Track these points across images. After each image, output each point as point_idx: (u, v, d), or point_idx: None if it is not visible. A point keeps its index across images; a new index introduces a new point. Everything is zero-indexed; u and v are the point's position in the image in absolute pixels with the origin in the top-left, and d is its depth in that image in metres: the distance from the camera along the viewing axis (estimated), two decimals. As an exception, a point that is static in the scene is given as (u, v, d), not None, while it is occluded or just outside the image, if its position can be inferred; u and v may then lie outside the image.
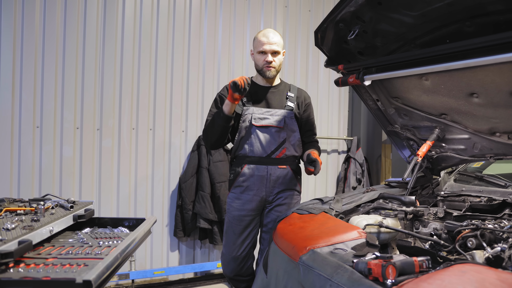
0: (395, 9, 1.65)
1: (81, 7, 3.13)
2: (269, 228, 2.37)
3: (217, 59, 3.68)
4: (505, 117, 1.77)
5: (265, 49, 2.29)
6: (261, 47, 2.30)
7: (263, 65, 2.33)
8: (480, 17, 1.50)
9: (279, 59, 2.35)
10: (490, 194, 1.93)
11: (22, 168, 2.97)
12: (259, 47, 2.31)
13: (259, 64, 2.35)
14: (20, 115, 2.97)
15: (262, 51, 2.30)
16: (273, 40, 2.30)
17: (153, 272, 3.32)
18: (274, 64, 2.32)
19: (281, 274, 1.64)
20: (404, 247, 1.58)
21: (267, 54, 2.30)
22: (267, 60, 2.30)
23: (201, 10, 3.60)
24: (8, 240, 1.05)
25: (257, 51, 2.33)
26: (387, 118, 2.26)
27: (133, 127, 3.35)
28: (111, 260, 1.08)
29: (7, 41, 2.91)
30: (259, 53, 2.32)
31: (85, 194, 3.17)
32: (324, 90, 4.30)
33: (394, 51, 1.89)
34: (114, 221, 1.67)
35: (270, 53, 2.30)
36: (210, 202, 3.36)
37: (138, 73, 3.36)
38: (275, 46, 2.30)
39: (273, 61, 2.31)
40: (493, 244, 1.41)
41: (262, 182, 2.33)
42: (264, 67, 2.33)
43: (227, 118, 2.20)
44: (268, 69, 2.32)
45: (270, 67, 2.32)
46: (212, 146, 2.36)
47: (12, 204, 1.56)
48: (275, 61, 2.32)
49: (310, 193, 4.20)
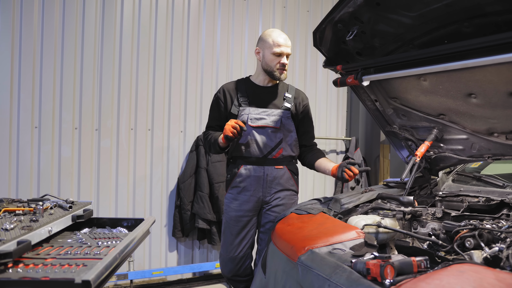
0: (394, 10, 1.66)
1: (80, 7, 3.13)
2: (266, 229, 2.37)
3: (215, 60, 3.69)
4: (503, 117, 1.78)
5: (282, 51, 2.25)
6: (278, 48, 2.24)
7: (278, 68, 2.29)
8: (478, 18, 1.51)
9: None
10: (488, 194, 1.94)
11: (21, 168, 2.97)
12: (276, 47, 2.25)
13: (272, 65, 2.28)
14: (18, 115, 2.96)
15: (280, 53, 2.25)
16: (289, 43, 2.29)
17: (151, 273, 3.32)
18: (287, 67, 2.31)
19: (279, 274, 1.65)
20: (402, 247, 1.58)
21: (283, 56, 2.27)
22: (283, 63, 2.27)
23: (200, 11, 3.60)
24: (7, 241, 1.05)
25: (272, 52, 2.25)
26: (385, 119, 2.26)
27: (131, 128, 3.35)
28: (110, 260, 1.08)
29: (5, 41, 2.90)
30: (275, 54, 2.27)
31: (83, 195, 3.17)
32: (323, 90, 4.31)
33: (392, 52, 1.90)
34: (112, 221, 1.67)
35: (286, 55, 2.28)
36: (209, 202, 3.36)
37: (137, 74, 3.36)
38: (289, 49, 2.29)
39: (287, 64, 2.30)
40: (491, 244, 1.42)
41: (259, 183, 2.33)
42: (279, 70, 2.29)
43: (223, 149, 2.28)
44: (282, 72, 2.30)
45: (284, 70, 2.31)
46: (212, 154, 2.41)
47: (11, 204, 1.56)
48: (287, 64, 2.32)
49: (309, 194, 4.20)
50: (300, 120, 2.43)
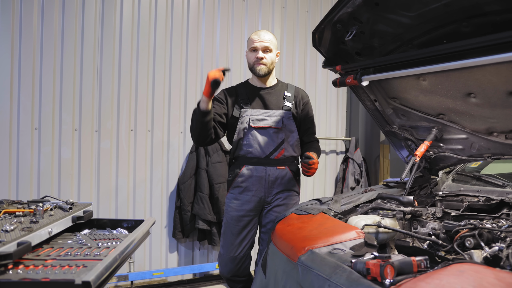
0: (392, 10, 1.66)
1: (79, 8, 3.13)
2: (267, 229, 2.37)
3: (215, 60, 3.69)
4: (502, 117, 1.78)
5: (255, 46, 2.33)
6: (252, 44, 2.34)
7: (254, 62, 2.35)
8: (477, 18, 1.51)
9: (271, 57, 2.36)
10: (488, 193, 1.94)
11: (21, 170, 2.97)
12: (250, 44, 2.36)
13: (250, 61, 2.38)
14: (18, 117, 2.97)
15: (253, 48, 2.34)
16: (264, 38, 2.33)
17: (152, 274, 3.32)
18: (264, 60, 2.33)
19: (280, 275, 1.65)
20: (402, 247, 1.58)
21: (258, 50, 2.32)
22: (258, 56, 2.32)
23: (199, 11, 3.61)
24: (7, 242, 1.05)
25: (249, 49, 2.37)
26: (385, 119, 2.26)
27: (131, 129, 3.35)
28: (110, 261, 1.08)
29: (5, 43, 2.91)
30: (251, 50, 2.36)
31: (83, 196, 3.17)
32: (322, 90, 4.31)
33: (391, 52, 1.90)
34: (112, 222, 1.67)
35: (261, 49, 2.32)
36: (209, 203, 3.36)
37: (136, 75, 3.36)
38: (266, 43, 2.32)
39: (264, 58, 2.33)
40: (491, 243, 1.42)
41: (260, 183, 2.33)
42: (255, 64, 2.34)
43: (203, 114, 2.16)
44: (259, 65, 2.33)
45: (260, 64, 2.33)
46: (197, 142, 2.33)
47: (11, 205, 1.56)
48: (266, 58, 2.33)
49: (309, 194, 4.20)
50: (301, 117, 2.44)
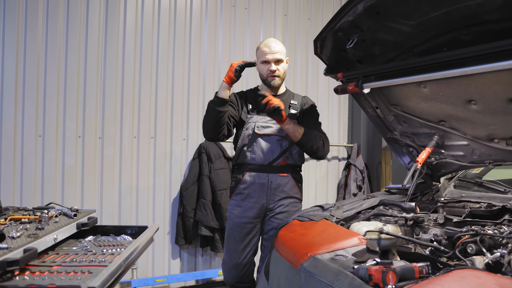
0: (393, 19, 1.68)
1: (83, 16, 3.17)
2: (270, 236, 2.37)
3: (217, 67, 3.71)
4: (503, 123, 1.79)
5: (267, 58, 2.30)
6: (263, 57, 2.31)
7: (267, 75, 2.33)
8: (477, 26, 1.53)
9: (283, 67, 2.36)
10: (490, 200, 1.94)
11: (25, 177, 2.99)
12: (262, 57, 2.32)
13: (263, 74, 2.35)
14: (22, 124, 2.99)
15: (265, 60, 2.31)
16: (275, 49, 2.30)
17: (154, 280, 3.32)
18: (278, 73, 2.33)
19: (282, 281, 1.65)
20: (404, 253, 1.59)
21: (271, 63, 2.31)
22: (271, 70, 2.31)
23: (202, 19, 3.64)
24: (14, 248, 1.07)
25: (261, 61, 2.34)
26: (386, 125, 2.27)
27: (134, 136, 3.37)
28: (115, 267, 1.09)
29: (10, 51, 2.94)
30: (263, 63, 2.33)
31: (87, 202, 3.18)
32: (324, 97, 4.33)
33: (392, 59, 1.91)
34: (116, 229, 1.68)
35: (273, 62, 2.31)
36: (212, 209, 3.37)
37: (139, 82, 3.39)
38: (277, 55, 2.30)
39: (277, 70, 2.32)
40: (492, 249, 1.42)
41: (263, 190, 2.34)
42: (269, 76, 2.34)
43: (221, 101, 2.17)
44: (273, 78, 2.33)
45: (274, 76, 2.33)
46: (209, 135, 2.29)
47: (17, 212, 1.58)
48: (279, 70, 2.33)
49: (311, 200, 4.21)
50: (305, 118, 2.43)
